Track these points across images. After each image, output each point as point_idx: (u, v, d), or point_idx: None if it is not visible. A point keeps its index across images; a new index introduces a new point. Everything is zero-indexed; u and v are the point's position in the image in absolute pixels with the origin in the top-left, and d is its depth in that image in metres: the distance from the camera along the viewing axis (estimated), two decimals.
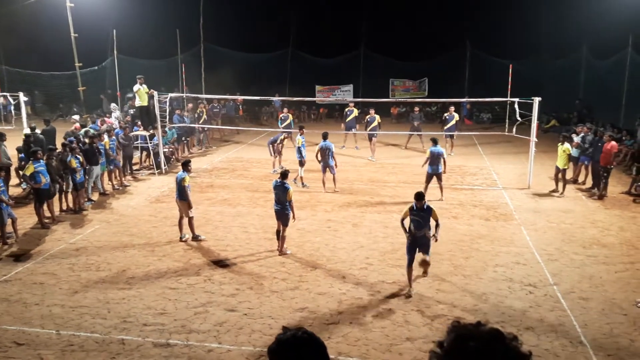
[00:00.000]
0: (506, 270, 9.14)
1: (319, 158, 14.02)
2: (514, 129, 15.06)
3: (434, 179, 13.14)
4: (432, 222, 8.36)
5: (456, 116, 19.21)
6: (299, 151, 14.65)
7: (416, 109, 21.11)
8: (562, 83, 26.83)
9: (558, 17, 27.00)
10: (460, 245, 10.24)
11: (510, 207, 12.91)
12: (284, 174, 9.87)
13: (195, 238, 10.51)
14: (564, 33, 26.37)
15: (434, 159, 12.99)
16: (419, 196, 8.23)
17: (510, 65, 18.78)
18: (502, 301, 8.00)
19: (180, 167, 10.84)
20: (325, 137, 14.27)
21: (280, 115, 20.39)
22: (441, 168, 13.07)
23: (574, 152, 15.21)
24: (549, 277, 8.85)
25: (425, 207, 8.19)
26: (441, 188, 13.25)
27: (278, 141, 16.47)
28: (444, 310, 7.71)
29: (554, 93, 24.59)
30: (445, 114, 19.57)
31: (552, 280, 8.70)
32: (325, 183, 14.14)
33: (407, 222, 8.27)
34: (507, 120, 17.69)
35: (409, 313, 7.61)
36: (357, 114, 20.60)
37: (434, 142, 13.23)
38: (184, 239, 10.51)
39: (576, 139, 15.20)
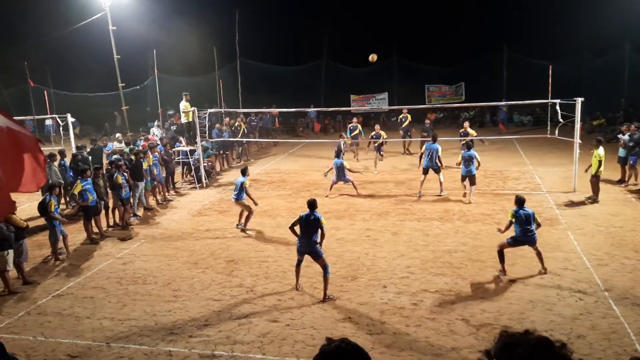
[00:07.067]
0: (553, 276, 8.86)
1: (334, 177, 14.67)
2: (557, 131, 14.62)
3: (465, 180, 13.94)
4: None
5: (472, 132, 17.71)
6: (438, 158, 14.40)
7: (427, 122, 20.77)
8: (605, 82, 25.95)
9: (598, 13, 26.18)
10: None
11: (556, 211, 12.53)
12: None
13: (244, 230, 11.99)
14: (605, 30, 25.52)
15: (466, 162, 13.75)
16: (311, 205, 8.65)
17: (550, 67, 18.31)
18: (551, 308, 7.75)
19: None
20: (337, 155, 14.71)
21: (349, 126, 21.08)
22: (474, 170, 13.74)
23: (621, 152, 14.69)
24: (600, 282, 8.52)
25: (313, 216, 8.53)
26: (472, 184, 13.81)
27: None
28: (490, 318, 7.53)
29: (598, 92, 23.78)
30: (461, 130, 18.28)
31: (602, 286, 8.38)
32: (332, 187, 14.72)
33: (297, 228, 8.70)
34: (548, 122, 17.21)
35: (453, 322, 7.47)
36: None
37: (467, 146, 14.11)
38: (240, 228, 12.03)
39: (623, 137, 14.65)
